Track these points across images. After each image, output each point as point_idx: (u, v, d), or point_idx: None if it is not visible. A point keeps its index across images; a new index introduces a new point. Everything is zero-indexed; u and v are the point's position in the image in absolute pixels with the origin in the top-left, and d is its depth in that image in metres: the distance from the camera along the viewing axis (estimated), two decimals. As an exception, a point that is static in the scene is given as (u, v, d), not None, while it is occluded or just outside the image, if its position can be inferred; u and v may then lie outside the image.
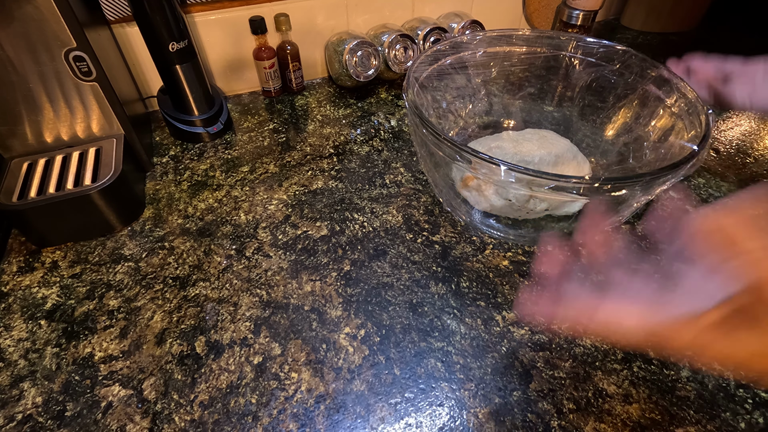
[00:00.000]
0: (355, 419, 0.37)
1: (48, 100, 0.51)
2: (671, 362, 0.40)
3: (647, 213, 0.26)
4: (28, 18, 0.45)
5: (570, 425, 0.36)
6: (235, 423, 0.36)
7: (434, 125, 0.42)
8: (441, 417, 0.37)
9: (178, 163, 0.63)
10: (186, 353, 0.41)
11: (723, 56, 0.47)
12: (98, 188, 0.49)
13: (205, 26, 0.69)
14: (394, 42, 0.73)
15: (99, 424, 0.36)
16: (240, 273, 0.48)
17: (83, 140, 0.56)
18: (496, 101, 0.65)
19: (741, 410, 0.37)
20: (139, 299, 0.45)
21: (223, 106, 0.69)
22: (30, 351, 0.41)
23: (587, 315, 0.23)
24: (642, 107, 0.54)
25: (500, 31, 0.59)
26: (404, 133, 0.68)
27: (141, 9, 0.54)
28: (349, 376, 0.39)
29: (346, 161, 0.63)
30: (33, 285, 0.47)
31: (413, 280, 0.47)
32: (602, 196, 0.37)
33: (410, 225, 0.53)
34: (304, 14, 0.73)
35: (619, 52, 0.55)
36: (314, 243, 0.51)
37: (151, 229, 0.53)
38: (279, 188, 0.58)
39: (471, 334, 0.42)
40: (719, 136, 0.67)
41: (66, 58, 0.49)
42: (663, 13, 0.95)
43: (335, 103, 0.75)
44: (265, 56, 0.71)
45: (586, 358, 0.40)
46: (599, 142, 0.59)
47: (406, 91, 0.47)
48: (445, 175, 0.55)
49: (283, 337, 0.42)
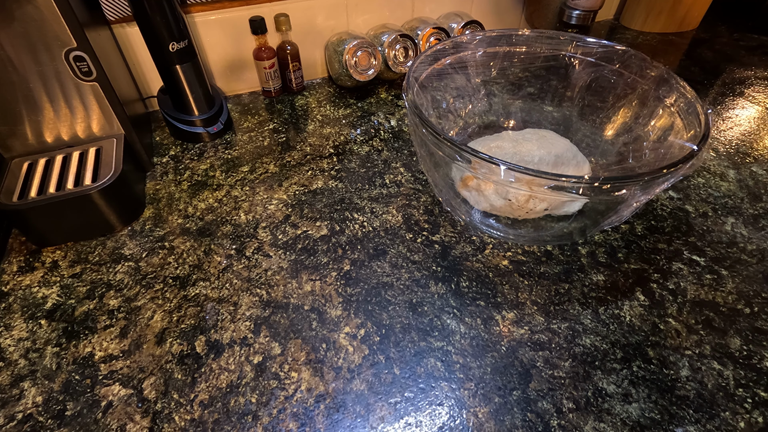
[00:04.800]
0: (355, 418, 0.37)
1: (48, 100, 0.51)
2: (670, 361, 0.40)
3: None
4: (29, 18, 0.45)
5: (569, 425, 0.36)
6: (235, 422, 0.36)
7: (434, 125, 0.42)
8: (441, 416, 0.37)
9: (178, 163, 0.63)
10: (186, 353, 0.41)
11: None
12: (98, 188, 0.49)
13: (205, 26, 0.69)
14: (394, 42, 0.73)
15: (99, 423, 0.36)
16: (240, 273, 0.48)
17: (83, 140, 0.56)
18: (496, 101, 0.66)
19: (740, 409, 0.37)
20: (139, 299, 0.45)
21: (223, 106, 0.69)
22: (30, 350, 0.42)
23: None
24: (641, 107, 0.54)
25: (500, 31, 0.59)
26: (404, 133, 0.68)
27: (141, 9, 0.54)
28: (349, 376, 0.39)
29: (346, 161, 0.63)
30: (33, 285, 0.47)
31: (413, 280, 0.47)
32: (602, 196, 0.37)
33: (410, 225, 0.53)
34: (304, 14, 0.73)
35: (618, 52, 0.55)
36: (314, 243, 0.51)
37: (151, 228, 0.53)
38: (279, 188, 0.59)
39: (471, 334, 0.42)
40: (719, 135, 0.67)
41: (66, 58, 0.49)
42: (663, 13, 0.95)
43: (335, 103, 0.75)
44: (265, 56, 0.71)
45: (586, 358, 0.40)
46: (599, 141, 0.59)
47: (406, 91, 0.47)
48: (445, 175, 0.55)
49: (283, 336, 0.42)
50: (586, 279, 0.47)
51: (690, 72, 0.83)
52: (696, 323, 0.43)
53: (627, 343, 0.41)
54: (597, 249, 0.50)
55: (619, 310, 0.44)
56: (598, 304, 0.45)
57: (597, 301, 0.45)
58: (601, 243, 0.51)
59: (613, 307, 0.44)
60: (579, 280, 0.47)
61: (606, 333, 0.42)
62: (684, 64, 0.86)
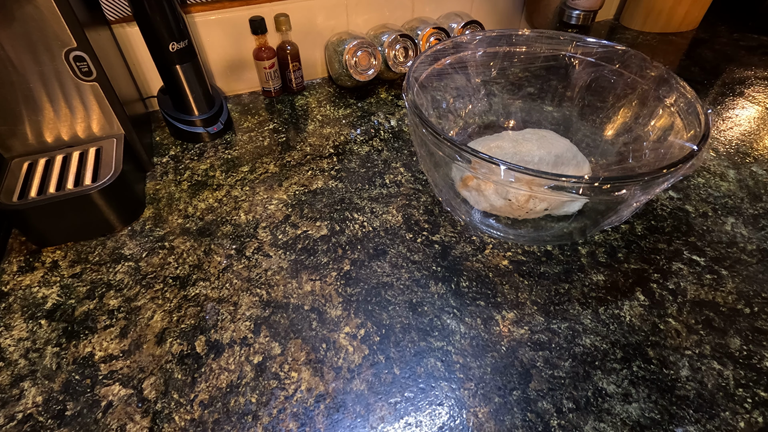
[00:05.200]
0: (355, 418, 0.37)
1: (48, 100, 0.51)
2: (670, 361, 0.40)
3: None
4: (29, 18, 0.45)
5: (569, 424, 0.36)
6: (235, 422, 0.36)
7: (434, 125, 0.42)
8: (441, 416, 0.37)
9: (178, 163, 0.63)
10: (186, 353, 0.41)
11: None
12: (98, 188, 0.49)
13: (205, 26, 0.69)
14: (394, 42, 0.73)
15: (99, 423, 0.36)
16: (240, 273, 0.48)
17: (83, 140, 0.56)
18: (496, 101, 0.66)
19: (740, 409, 0.37)
20: (139, 299, 0.45)
21: (223, 106, 0.69)
22: (30, 350, 0.42)
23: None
24: (641, 107, 0.54)
25: (500, 31, 0.59)
26: (404, 133, 0.68)
27: (141, 9, 0.54)
28: (349, 376, 0.39)
29: (346, 161, 0.63)
30: (33, 284, 0.47)
31: (413, 280, 0.47)
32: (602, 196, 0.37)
33: (410, 225, 0.53)
34: (304, 14, 0.73)
35: (618, 52, 0.55)
36: (314, 243, 0.51)
37: (151, 228, 0.53)
38: (279, 188, 0.59)
39: (471, 334, 0.42)
40: (719, 135, 0.67)
41: (66, 58, 0.49)
42: (663, 13, 0.95)
43: (335, 103, 0.75)
44: (265, 56, 0.71)
45: (586, 358, 0.40)
46: (599, 141, 0.59)
47: (406, 91, 0.47)
48: (445, 174, 0.55)
49: (283, 336, 0.42)
50: (586, 279, 0.47)
51: (690, 72, 0.83)
52: (696, 323, 0.43)
53: (627, 343, 0.41)
54: (597, 249, 0.50)
55: (619, 310, 0.44)
56: (598, 304, 0.45)
57: (597, 301, 0.45)
58: (601, 243, 0.51)
59: (613, 307, 0.44)
60: (579, 280, 0.47)
61: (606, 333, 0.42)
62: (684, 64, 0.86)
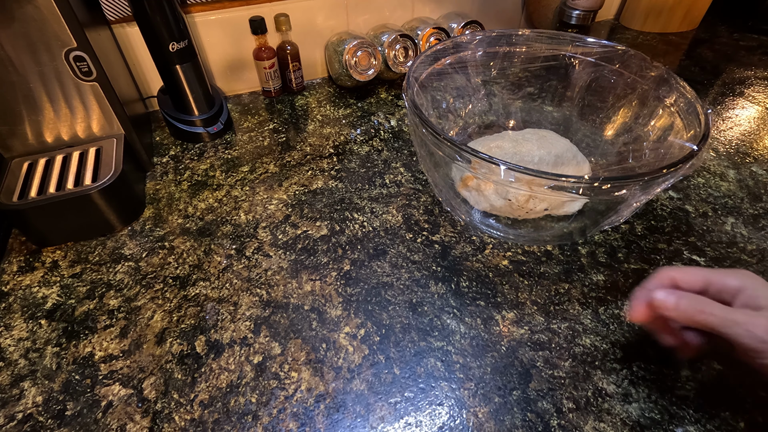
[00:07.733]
0: (355, 418, 0.37)
1: (48, 100, 0.51)
2: (671, 361, 0.40)
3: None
4: (29, 18, 0.45)
5: (569, 424, 0.36)
6: (235, 422, 0.36)
7: (434, 125, 0.42)
8: (441, 416, 0.37)
9: (178, 163, 0.63)
10: (186, 353, 0.41)
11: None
12: (98, 188, 0.49)
13: (205, 26, 0.69)
14: (394, 42, 0.73)
15: (99, 423, 0.36)
16: (240, 273, 0.48)
17: (83, 140, 0.56)
18: (496, 101, 0.65)
19: (740, 409, 0.37)
20: (139, 299, 0.45)
21: (223, 106, 0.69)
22: (30, 350, 0.41)
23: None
24: (641, 107, 0.54)
25: (500, 31, 0.59)
26: (404, 133, 0.68)
27: (141, 9, 0.54)
28: (349, 376, 0.39)
29: (346, 161, 0.63)
30: (33, 284, 0.47)
31: (413, 280, 0.47)
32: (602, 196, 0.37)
33: (410, 225, 0.53)
34: (304, 14, 0.73)
35: (618, 52, 0.55)
36: (314, 243, 0.51)
37: (151, 228, 0.53)
38: (279, 188, 0.59)
39: (471, 334, 0.42)
40: (719, 135, 0.67)
41: (66, 58, 0.49)
42: (663, 13, 0.95)
43: (335, 103, 0.75)
44: (265, 56, 0.71)
45: (586, 358, 0.40)
46: (599, 142, 0.59)
47: (406, 91, 0.47)
48: (445, 174, 0.55)
49: (283, 336, 0.42)
50: (586, 279, 0.47)
51: (690, 72, 0.83)
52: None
53: (627, 343, 0.41)
54: (597, 249, 0.50)
55: (619, 310, 0.44)
56: (598, 304, 0.45)
57: (597, 301, 0.45)
58: (601, 243, 0.51)
59: (613, 307, 0.44)
60: (579, 280, 0.47)
61: (606, 333, 0.42)
62: (684, 64, 0.86)
